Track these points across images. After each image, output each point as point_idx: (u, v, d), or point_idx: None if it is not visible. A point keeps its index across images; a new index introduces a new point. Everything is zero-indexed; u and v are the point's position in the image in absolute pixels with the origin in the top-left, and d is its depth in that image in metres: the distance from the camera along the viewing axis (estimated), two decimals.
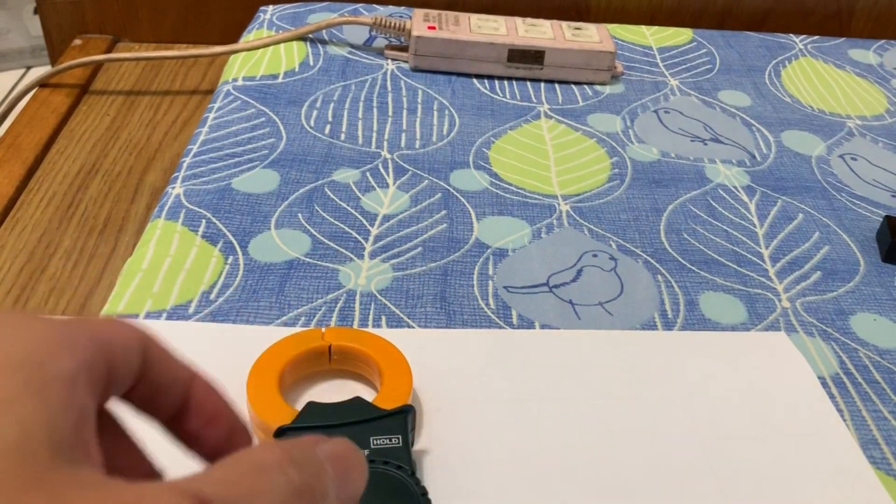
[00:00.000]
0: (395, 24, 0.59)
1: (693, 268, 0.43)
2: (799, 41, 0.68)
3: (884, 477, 0.33)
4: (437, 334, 0.38)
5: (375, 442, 0.29)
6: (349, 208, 0.45)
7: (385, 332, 0.37)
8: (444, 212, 0.46)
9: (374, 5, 0.67)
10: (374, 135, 0.52)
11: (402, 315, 0.39)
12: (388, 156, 0.50)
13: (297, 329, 0.37)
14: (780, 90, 0.61)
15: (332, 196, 0.46)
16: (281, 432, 0.30)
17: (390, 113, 0.54)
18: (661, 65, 0.63)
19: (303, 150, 0.50)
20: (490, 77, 0.59)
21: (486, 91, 0.58)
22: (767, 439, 0.34)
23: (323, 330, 0.35)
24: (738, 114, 0.58)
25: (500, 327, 0.38)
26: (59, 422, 0.16)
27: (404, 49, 0.60)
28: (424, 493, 0.28)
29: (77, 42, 0.66)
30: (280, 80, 0.56)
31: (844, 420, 0.35)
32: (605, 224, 0.46)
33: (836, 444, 0.34)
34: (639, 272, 0.43)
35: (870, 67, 0.65)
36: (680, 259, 0.44)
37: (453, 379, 0.35)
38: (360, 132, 0.52)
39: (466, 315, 0.39)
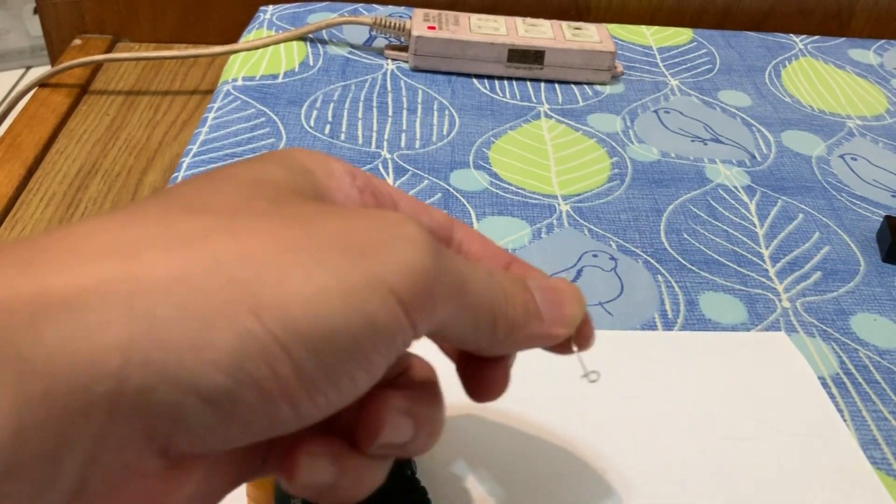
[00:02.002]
0: (395, 24, 0.59)
1: (693, 268, 0.43)
2: (799, 41, 0.68)
3: (884, 477, 0.33)
4: None
5: None
6: None
7: None
8: (444, 212, 0.46)
9: (374, 5, 0.67)
10: (374, 135, 0.52)
11: None
12: (388, 156, 0.50)
13: None
14: (780, 90, 0.61)
15: None
16: None
17: (390, 113, 0.54)
18: (661, 65, 0.63)
19: None
20: (490, 77, 0.59)
21: (486, 91, 0.58)
22: (768, 439, 0.34)
23: None
24: (739, 114, 0.58)
25: None
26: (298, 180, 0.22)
27: (404, 49, 0.60)
28: (424, 493, 0.28)
29: (77, 42, 0.66)
30: (280, 80, 0.56)
31: (844, 420, 0.35)
32: (605, 224, 0.46)
33: (837, 444, 0.34)
34: (639, 272, 0.43)
35: (870, 67, 0.65)
36: (680, 259, 0.44)
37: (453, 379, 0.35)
38: (360, 132, 0.52)
39: None
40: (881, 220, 0.48)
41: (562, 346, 0.25)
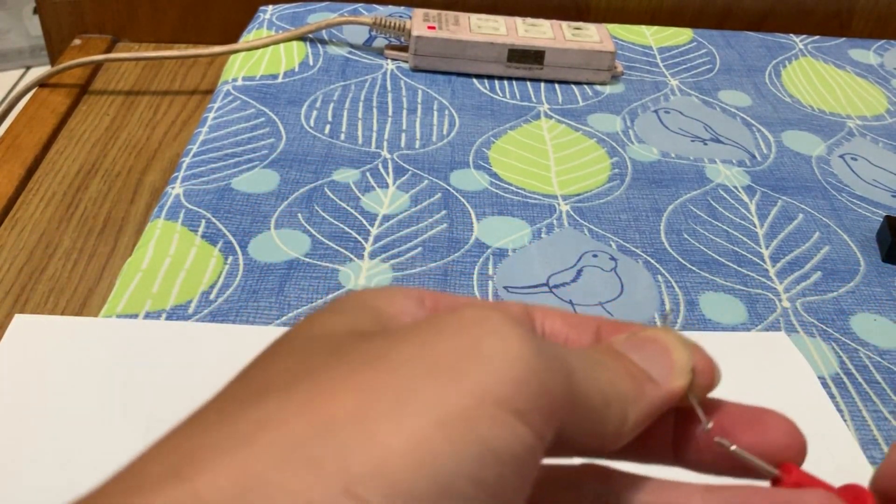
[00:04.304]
0: (395, 23, 0.59)
1: (693, 268, 0.43)
2: (799, 41, 0.68)
3: None
4: None
5: None
6: (349, 208, 0.45)
7: None
8: (444, 212, 0.46)
9: (374, 5, 0.67)
10: (374, 135, 0.52)
11: None
12: (388, 156, 0.50)
13: None
14: (780, 90, 0.61)
15: (331, 196, 0.46)
16: None
17: (390, 113, 0.54)
18: (661, 65, 0.63)
19: (303, 150, 0.50)
20: (490, 77, 0.59)
21: (486, 91, 0.58)
22: None
23: None
24: (739, 114, 0.58)
25: None
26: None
27: (404, 49, 0.60)
28: None
29: (76, 42, 0.66)
30: (280, 80, 0.56)
31: (844, 420, 0.35)
32: (605, 224, 0.46)
33: (837, 444, 0.34)
34: (639, 272, 0.43)
35: (870, 67, 0.65)
36: (680, 259, 0.44)
37: None
38: (359, 132, 0.52)
39: None
40: (881, 220, 0.47)
41: (680, 399, 0.21)
